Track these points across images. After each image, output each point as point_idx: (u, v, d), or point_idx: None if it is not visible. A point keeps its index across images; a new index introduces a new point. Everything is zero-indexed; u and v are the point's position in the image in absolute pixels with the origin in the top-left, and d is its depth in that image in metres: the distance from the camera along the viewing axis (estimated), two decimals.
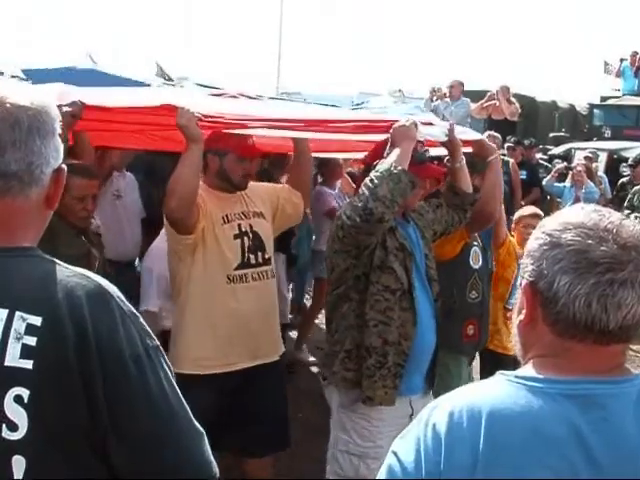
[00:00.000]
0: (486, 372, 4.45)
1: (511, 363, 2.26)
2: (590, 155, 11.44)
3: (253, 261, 3.56)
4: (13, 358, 1.28)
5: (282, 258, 6.05)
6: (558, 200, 10.05)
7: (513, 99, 11.97)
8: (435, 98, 11.56)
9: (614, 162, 13.20)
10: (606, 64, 18.69)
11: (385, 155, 3.12)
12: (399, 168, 3.00)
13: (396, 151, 3.08)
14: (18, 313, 1.30)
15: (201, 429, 1.40)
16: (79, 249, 3.58)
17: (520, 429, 1.26)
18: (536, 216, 4.66)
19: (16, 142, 1.36)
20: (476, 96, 11.83)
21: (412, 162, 3.12)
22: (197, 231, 3.40)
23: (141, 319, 1.40)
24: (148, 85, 5.56)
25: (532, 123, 15.98)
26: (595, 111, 17.31)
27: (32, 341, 1.28)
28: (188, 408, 1.39)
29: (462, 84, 11.51)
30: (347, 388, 3.19)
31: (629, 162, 10.98)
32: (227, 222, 3.53)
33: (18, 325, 1.29)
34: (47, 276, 1.35)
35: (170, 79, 8.53)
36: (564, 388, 1.29)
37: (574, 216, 1.34)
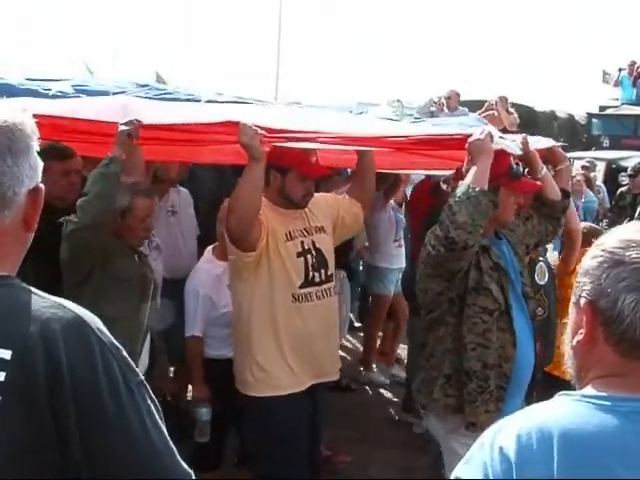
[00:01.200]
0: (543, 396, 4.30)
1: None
2: (587, 165, 11.39)
3: (317, 279, 3.49)
4: None
5: (342, 274, 5.91)
6: None
7: (512, 109, 11.90)
8: (434, 110, 11.48)
9: (612, 172, 13.20)
10: (605, 74, 18.79)
11: (464, 173, 3.00)
12: (477, 189, 2.85)
13: (472, 170, 2.93)
14: None
15: (188, 470, 1.32)
16: (136, 270, 3.56)
17: (597, 447, 1.21)
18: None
19: None
20: (474, 106, 11.74)
21: (508, 178, 3.02)
22: (260, 248, 3.32)
23: (123, 352, 1.31)
24: (198, 100, 5.37)
25: (531, 133, 15.85)
26: (594, 121, 17.38)
27: (0, 376, 1.21)
28: (173, 446, 1.31)
29: (458, 94, 11.46)
30: (449, 414, 3.08)
31: (628, 171, 10.88)
32: (290, 239, 3.45)
33: None
34: (21, 307, 1.27)
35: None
36: (635, 406, 1.25)
37: (634, 233, 1.31)
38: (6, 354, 1.21)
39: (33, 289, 1.32)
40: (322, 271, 3.50)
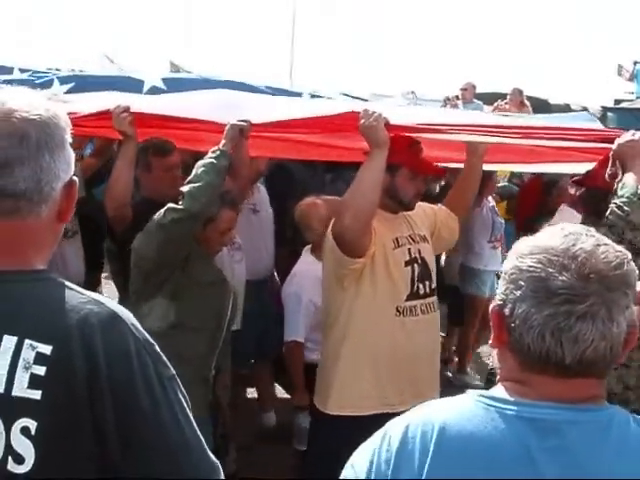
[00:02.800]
0: None
1: None
2: None
3: (422, 291, 3.26)
4: (21, 388, 1.24)
5: None
6: None
7: (526, 102, 11.91)
8: (448, 106, 11.54)
9: None
10: (620, 67, 18.59)
11: (609, 175, 2.84)
12: None
13: (634, 171, 2.76)
14: (27, 341, 1.25)
15: (216, 461, 1.36)
16: (214, 275, 3.45)
17: (469, 448, 1.23)
18: None
19: (24, 159, 1.30)
20: (489, 98, 11.75)
21: None
22: (368, 255, 3.10)
23: (156, 347, 1.35)
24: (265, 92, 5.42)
25: None
26: (608, 114, 17.12)
27: (41, 370, 1.24)
28: (203, 440, 1.34)
29: (474, 86, 11.50)
30: None
31: None
32: (398, 246, 3.23)
33: (27, 354, 1.25)
34: (59, 302, 1.30)
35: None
36: (523, 410, 1.24)
37: (547, 238, 1.27)
38: (47, 349, 1.24)
39: (68, 283, 1.34)
40: (426, 283, 3.27)
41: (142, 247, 3.19)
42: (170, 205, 3.14)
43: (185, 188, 3.14)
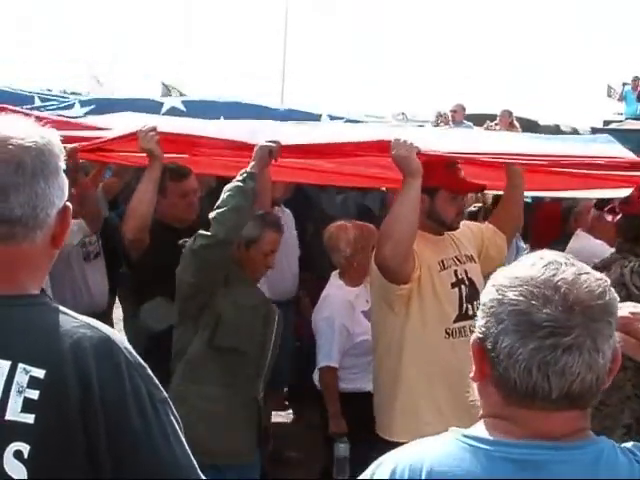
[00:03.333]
0: None
1: None
2: None
3: (470, 312, 3.19)
4: (14, 412, 1.24)
5: None
6: None
7: (516, 123, 11.94)
8: (440, 122, 11.59)
9: None
10: (609, 88, 18.77)
11: None
12: None
13: None
14: (21, 365, 1.26)
15: None
16: (257, 299, 3.42)
17: None
18: None
19: (20, 186, 1.31)
20: (479, 119, 11.81)
21: None
22: (413, 280, 3.08)
23: (148, 370, 1.36)
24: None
25: None
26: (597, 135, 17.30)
27: (34, 394, 1.25)
28: (195, 462, 1.35)
29: (464, 108, 11.60)
30: None
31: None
32: (444, 268, 3.22)
33: (20, 378, 1.26)
34: (53, 326, 1.31)
35: (183, 94, 8.51)
36: (509, 452, 1.21)
37: (526, 269, 1.24)
38: (40, 373, 1.26)
39: (62, 308, 1.36)
40: (475, 303, 3.18)
41: (179, 272, 3.18)
42: (200, 231, 3.13)
43: (212, 214, 3.12)
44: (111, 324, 4.75)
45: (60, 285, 4.06)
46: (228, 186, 3.18)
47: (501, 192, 3.75)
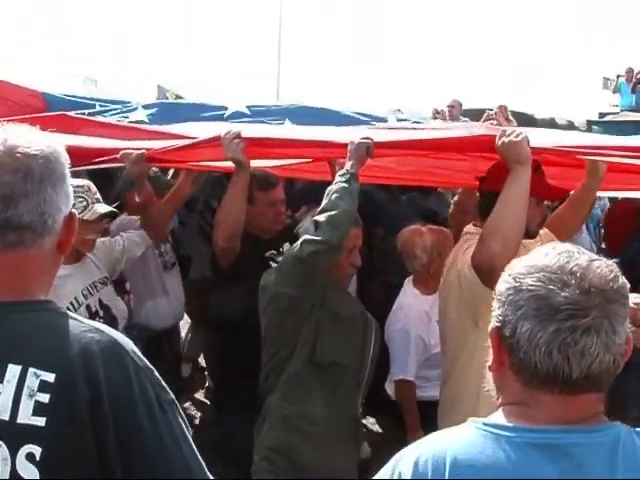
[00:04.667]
0: None
1: None
2: None
3: None
4: (26, 415, 1.28)
5: None
6: None
7: (511, 117, 11.99)
8: (438, 119, 11.60)
9: None
10: (605, 80, 18.76)
11: None
12: None
13: None
14: (31, 369, 1.30)
15: None
16: (354, 309, 3.24)
17: (485, 478, 1.22)
18: None
19: (28, 193, 1.35)
20: (475, 115, 11.81)
21: None
22: None
23: (155, 373, 1.39)
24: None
25: None
26: (593, 127, 17.36)
27: (45, 398, 1.28)
28: (203, 463, 1.38)
29: (461, 104, 11.61)
30: None
31: None
32: None
33: (31, 382, 1.29)
34: (62, 331, 1.34)
35: (179, 97, 8.52)
36: (532, 437, 1.24)
37: (541, 258, 1.29)
38: (50, 377, 1.29)
39: (70, 313, 1.40)
40: None
41: (274, 284, 3.01)
42: (306, 237, 2.94)
43: (321, 218, 2.93)
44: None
45: (141, 295, 4.07)
46: (333, 188, 3.00)
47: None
